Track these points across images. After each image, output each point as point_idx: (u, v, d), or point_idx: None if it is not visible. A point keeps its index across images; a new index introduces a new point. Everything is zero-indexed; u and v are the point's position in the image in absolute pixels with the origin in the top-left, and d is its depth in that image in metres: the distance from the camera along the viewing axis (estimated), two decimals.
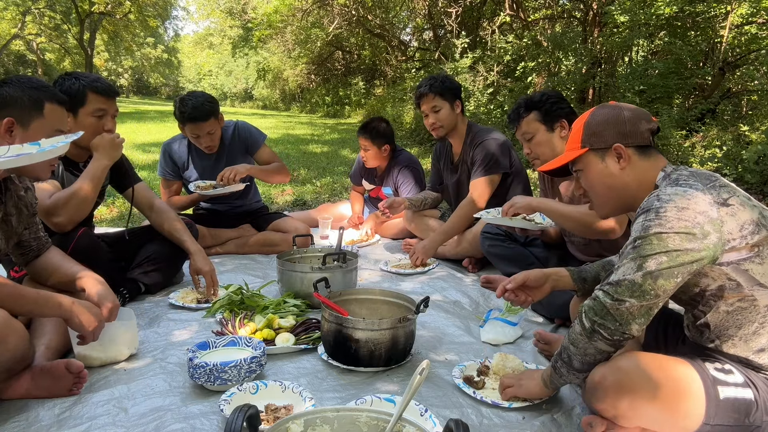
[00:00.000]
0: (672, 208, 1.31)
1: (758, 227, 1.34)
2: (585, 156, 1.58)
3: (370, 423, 1.16)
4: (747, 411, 1.32)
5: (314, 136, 12.94)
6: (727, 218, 1.32)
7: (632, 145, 1.52)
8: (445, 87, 3.19)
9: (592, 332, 1.37)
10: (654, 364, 1.35)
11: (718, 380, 1.34)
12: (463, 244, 3.24)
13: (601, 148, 1.55)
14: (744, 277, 1.34)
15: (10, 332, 1.57)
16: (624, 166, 1.52)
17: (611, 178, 1.54)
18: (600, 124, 1.55)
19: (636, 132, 1.52)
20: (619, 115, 1.54)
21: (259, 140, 3.46)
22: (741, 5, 7.15)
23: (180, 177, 3.45)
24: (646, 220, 1.34)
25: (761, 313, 1.36)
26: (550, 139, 2.44)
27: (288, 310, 2.36)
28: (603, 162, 1.55)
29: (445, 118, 3.23)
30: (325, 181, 6.33)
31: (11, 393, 1.68)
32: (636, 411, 1.35)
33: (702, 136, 6.71)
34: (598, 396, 1.41)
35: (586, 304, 1.39)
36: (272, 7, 19.43)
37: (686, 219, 1.30)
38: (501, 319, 2.29)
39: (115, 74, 49.36)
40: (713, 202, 1.33)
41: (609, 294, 1.34)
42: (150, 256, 2.66)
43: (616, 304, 1.32)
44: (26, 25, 30.65)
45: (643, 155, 1.53)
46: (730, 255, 1.33)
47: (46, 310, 1.69)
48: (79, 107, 2.31)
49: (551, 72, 9.65)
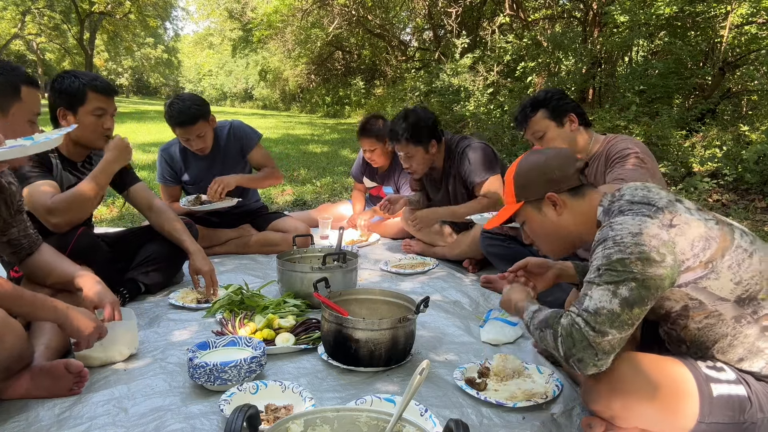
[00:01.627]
0: (627, 235, 1.32)
1: (707, 242, 1.34)
2: (522, 209, 1.61)
3: (370, 423, 1.16)
4: (741, 408, 1.32)
5: (314, 136, 12.94)
6: (677, 239, 1.32)
7: (564, 190, 1.54)
8: (417, 132, 3.04)
9: (566, 361, 1.36)
10: (646, 365, 1.36)
11: (710, 378, 1.34)
12: (462, 246, 3.23)
13: (535, 200, 1.57)
14: (704, 295, 1.35)
15: (8, 331, 1.57)
16: (561, 212, 1.55)
17: (552, 225, 1.57)
18: (528, 176, 1.58)
19: (564, 176, 1.54)
20: (544, 164, 1.57)
21: (254, 140, 3.45)
22: (741, 5, 7.15)
23: (179, 181, 3.45)
24: (606, 248, 1.34)
25: (730, 326, 1.36)
26: (561, 134, 2.43)
27: (288, 310, 2.36)
28: (540, 212, 1.58)
29: (418, 163, 3.15)
30: (325, 181, 6.33)
31: (11, 393, 1.68)
32: (630, 412, 1.36)
33: (702, 136, 6.71)
34: (593, 398, 1.42)
35: (564, 328, 1.35)
36: (272, 7, 19.42)
37: (643, 243, 1.30)
38: (501, 319, 2.29)
39: (115, 74, 49.35)
40: (662, 225, 1.33)
41: (590, 324, 1.30)
42: (150, 256, 2.66)
43: (598, 336, 1.29)
44: (26, 24, 30.66)
45: (577, 196, 1.55)
46: (686, 275, 1.34)
47: (41, 313, 1.68)
48: (79, 106, 2.31)
49: (551, 72, 9.65)
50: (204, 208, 3.18)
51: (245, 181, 3.38)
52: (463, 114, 9.61)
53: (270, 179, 3.48)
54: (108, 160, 2.34)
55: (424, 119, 3.10)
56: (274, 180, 3.50)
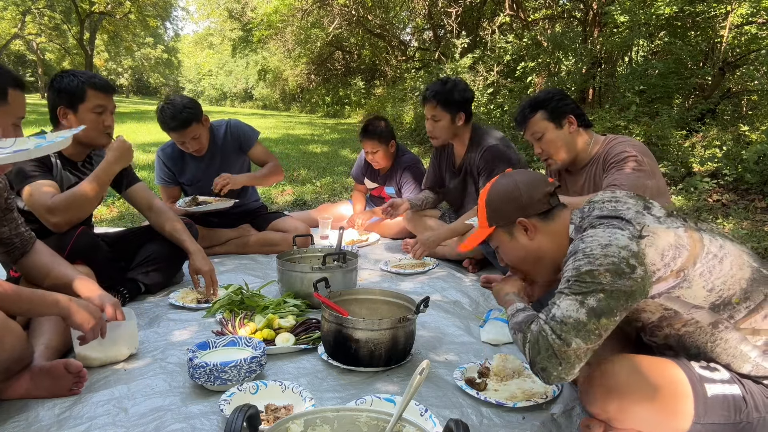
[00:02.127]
0: (597, 246, 1.32)
1: (677, 250, 1.33)
2: (495, 234, 1.62)
3: (370, 423, 1.16)
4: (737, 408, 1.32)
5: (314, 136, 12.94)
6: (647, 250, 1.32)
7: (533, 215, 1.55)
8: (450, 98, 3.11)
9: (532, 366, 1.36)
10: (641, 366, 1.35)
11: (704, 378, 1.34)
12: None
13: (506, 224, 1.58)
14: (678, 304, 1.35)
15: (7, 332, 1.57)
16: (532, 236, 1.56)
17: (524, 250, 1.58)
18: (498, 202, 1.59)
19: (533, 202, 1.55)
20: (513, 189, 1.57)
21: (253, 137, 3.45)
22: (741, 5, 7.15)
23: (177, 182, 3.45)
24: (576, 260, 1.34)
25: (709, 332, 1.36)
26: (560, 135, 2.43)
27: (288, 310, 2.36)
28: (512, 237, 1.58)
29: (441, 129, 3.18)
30: (325, 181, 6.33)
31: (11, 393, 1.68)
32: (626, 414, 1.36)
33: (702, 136, 6.71)
34: (589, 399, 1.42)
35: (533, 335, 1.36)
36: (272, 7, 19.42)
37: (612, 255, 1.30)
38: (501, 319, 2.29)
39: (115, 74, 49.35)
40: (631, 236, 1.33)
41: (556, 333, 1.30)
42: (150, 256, 2.66)
43: (563, 345, 1.29)
44: (26, 24, 30.66)
45: (547, 219, 1.55)
46: (659, 286, 1.33)
47: (43, 309, 1.69)
48: (79, 104, 2.32)
49: (551, 72, 9.64)
50: (200, 209, 3.17)
51: (251, 181, 3.40)
52: None
53: (274, 175, 3.47)
54: (109, 161, 2.35)
55: (461, 89, 3.16)
56: (277, 176, 3.50)
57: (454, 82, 3.18)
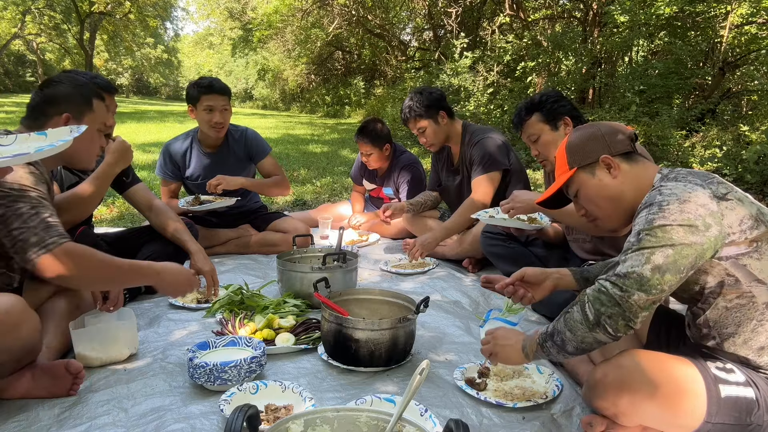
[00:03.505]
0: (674, 201, 1.32)
1: (757, 222, 1.34)
2: (576, 176, 1.60)
3: (370, 423, 1.16)
4: (748, 410, 1.32)
5: (314, 136, 12.94)
6: (726, 212, 1.33)
7: (617, 154, 1.55)
8: (422, 106, 3.21)
9: (596, 324, 1.34)
10: (655, 363, 1.35)
11: (719, 379, 1.34)
12: (464, 244, 3.24)
13: (588, 164, 1.57)
14: (742, 273, 1.34)
15: (25, 321, 1.57)
16: (616, 175, 1.54)
17: (607, 189, 1.55)
18: (580, 143, 1.59)
19: (615, 141, 1.55)
20: (594, 131, 1.58)
21: (265, 150, 3.48)
22: (741, 5, 7.16)
23: (180, 178, 3.45)
24: (650, 213, 1.34)
25: (759, 310, 1.36)
26: (555, 138, 2.44)
27: (288, 310, 2.36)
28: (595, 177, 1.56)
29: (432, 135, 3.26)
30: (325, 181, 6.33)
31: (12, 392, 1.68)
32: (637, 409, 1.35)
33: (702, 136, 6.72)
34: (598, 393, 1.41)
35: (590, 294, 1.37)
36: (272, 7, 19.43)
37: (688, 211, 1.30)
38: (501, 319, 2.28)
39: (115, 74, 49.33)
40: (713, 195, 1.34)
41: (617, 285, 1.31)
42: (150, 256, 2.66)
43: (625, 296, 1.30)
44: (26, 24, 30.66)
45: (630, 161, 1.55)
46: (729, 249, 1.33)
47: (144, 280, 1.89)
48: None
49: (551, 72, 9.65)
50: (203, 207, 3.17)
51: (250, 185, 3.39)
52: (463, 114, 9.61)
53: (278, 187, 3.46)
54: (109, 163, 2.34)
55: (428, 92, 3.28)
56: (281, 189, 3.48)
57: (418, 92, 3.30)
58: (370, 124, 3.79)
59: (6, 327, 1.51)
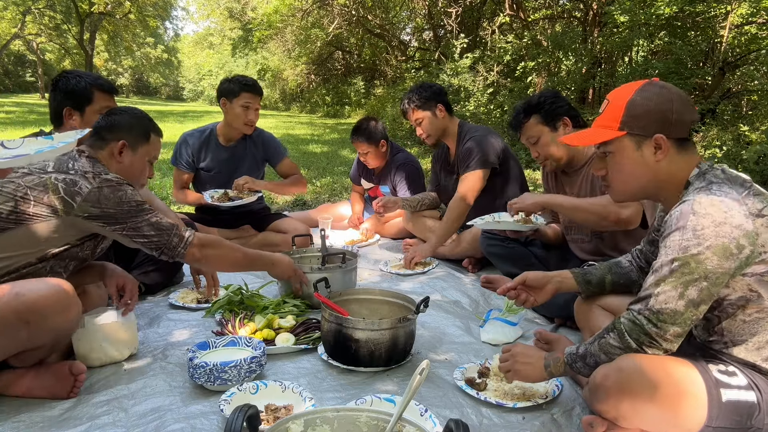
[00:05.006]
0: (709, 224, 1.27)
1: None
2: (620, 139, 1.45)
3: (370, 423, 1.16)
4: (749, 414, 1.32)
5: (314, 136, 12.94)
6: (762, 230, 1.30)
7: (673, 137, 1.42)
8: (422, 98, 3.23)
9: (640, 348, 1.36)
10: (656, 366, 1.35)
11: (721, 382, 1.33)
12: (463, 244, 3.24)
13: (640, 135, 1.43)
14: (765, 289, 1.33)
15: (74, 304, 1.65)
16: (660, 159, 1.42)
17: (643, 167, 1.44)
18: (645, 109, 1.42)
19: (680, 122, 1.41)
20: (667, 101, 1.41)
21: (282, 153, 3.53)
22: (741, 5, 7.15)
23: (193, 169, 3.46)
24: (683, 239, 1.29)
25: None
26: (555, 138, 2.44)
27: (288, 310, 2.36)
28: (638, 150, 1.43)
29: (428, 126, 3.26)
30: (325, 181, 6.34)
31: (14, 389, 1.68)
32: (637, 412, 1.35)
33: (702, 136, 6.71)
34: (599, 397, 1.41)
35: (626, 325, 1.37)
36: (272, 7, 19.43)
37: (723, 235, 1.27)
38: (501, 319, 2.29)
39: (115, 74, 49.33)
40: (749, 213, 1.29)
41: (651, 322, 1.33)
42: (150, 256, 2.66)
43: (661, 332, 1.32)
44: (26, 25, 30.65)
45: (681, 149, 1.43)
46: (757, 267, 1.31)
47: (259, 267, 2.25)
48: (87, 105, 2.32)
49: (551, 72, 9.65)
50: (232, 204, 3.25)
51: (272, 188, 3.48)
52: (463, 114, 9.61)
53: (296, 186, 3.53)
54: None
55: (429, 86, 3.31)
56: (299, 188, 3.55)
57: (418, 84, 3.35)
58: (363, 123, 3.81)
59: (58, 306, 1.59)
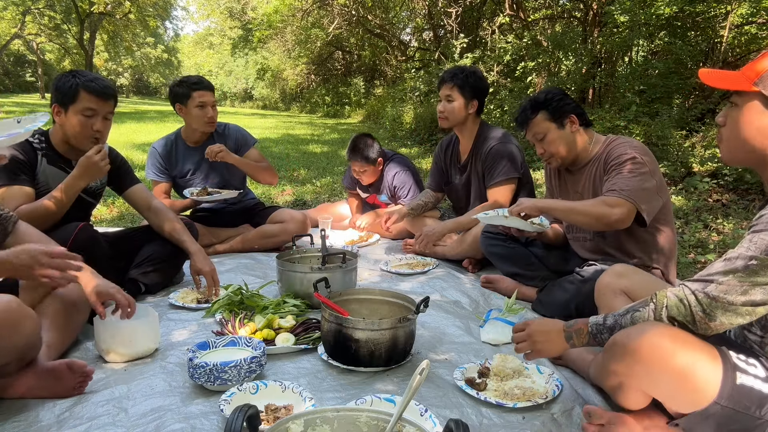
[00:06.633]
0: None
1: None
2: (749, 97, 1.36)
3: (370, 423, 1.16)
4: (760, 403, 1.31)
5: (314, 136, 12.94)
6: None
7: None
8: (467, 82, 3.17)
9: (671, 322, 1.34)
10: (680, 337, 1.34)
11: (739, 367, 1.33)
12: (464, 244, 3.24)
13: None
14: None
15: (24, 318, 1.60)
16: None
17: (757, 132, 1.37)
18: None
19: None
20: None
21: (250, 141, 3.52)
22: (741, 5, 7.15)
23: (170, 177, 3.45)
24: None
25: None
26: (562, 135, 2.43)
27: (288, 310, 2.36)
28: (765, 113, 1.35)
29: (453, 111, 3.21)
30: (325, 181, 6.33)
31: (13, 391, 1.68)
32: (650, 376, 1.35)
33: (702, 136, 6.71)
34: (615, 354, 1.40)
35: (671, 299, 1.35)
36: (272, 7, 19.44)
37: None
38: (501, 319, 2.29)
39: (115, 74, 49.36)
40: None
41: (702, 306, 1.29)
42: (150, 256, 2.66)
43: (706, 318, 1.29)
44: (26, 25, 30.67)
45: None
46: None
47: None
48: (70, 104, 2.31)
49: (551, 72, 9.64)
50: (211, 198, 3.25)
51: (242, 164, 3.36)
52: None
53: (267, 172, 3.46)
54: (74, 176, 2.29)
55: (478, 77, 3.24)
56: (269, 175, 3.48)
57: (473, 69, 3.26)
58: (360, 142, 3.75)
59: (8, 324, 1.54)
